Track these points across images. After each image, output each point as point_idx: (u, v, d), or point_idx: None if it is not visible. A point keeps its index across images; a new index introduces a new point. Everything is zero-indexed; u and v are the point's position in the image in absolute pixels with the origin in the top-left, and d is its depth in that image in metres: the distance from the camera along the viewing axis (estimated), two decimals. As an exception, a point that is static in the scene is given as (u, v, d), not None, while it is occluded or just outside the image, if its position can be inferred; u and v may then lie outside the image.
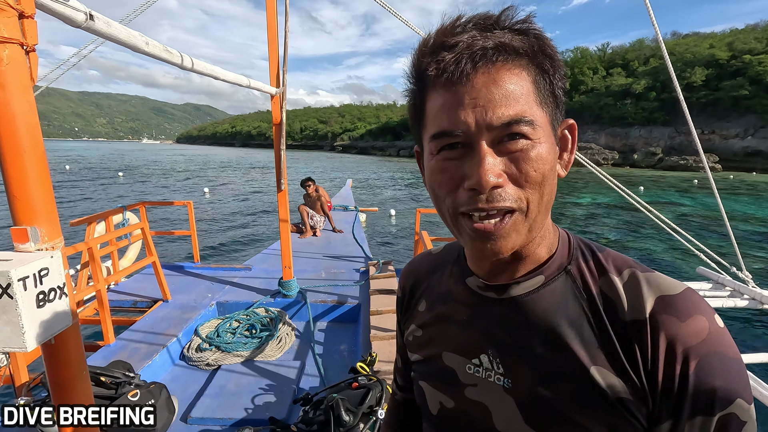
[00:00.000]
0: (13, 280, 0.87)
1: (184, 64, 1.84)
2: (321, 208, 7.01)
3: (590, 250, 0.52)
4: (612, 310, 0.47)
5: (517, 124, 0.42)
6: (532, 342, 0.50)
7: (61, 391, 1.10)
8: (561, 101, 0.48)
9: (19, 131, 0.92)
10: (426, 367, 0.61)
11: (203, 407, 2.53)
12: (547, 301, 0.50)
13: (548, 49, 0.45)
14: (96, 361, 2.89)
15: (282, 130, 3.51)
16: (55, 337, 1.02)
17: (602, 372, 0.45)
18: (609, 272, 0.49)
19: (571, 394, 0.46)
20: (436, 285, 0.64)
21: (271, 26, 3.37)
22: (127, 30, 1.36)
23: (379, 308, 3.51)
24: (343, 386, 2.20)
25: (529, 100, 0.43)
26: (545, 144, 0.44)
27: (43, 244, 0.99)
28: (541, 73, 0.45)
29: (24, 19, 0.93)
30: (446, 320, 0.60)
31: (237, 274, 4.72)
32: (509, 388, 0.51)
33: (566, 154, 0.51)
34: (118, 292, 4.17)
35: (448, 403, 0.58)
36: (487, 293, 0.55)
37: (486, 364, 0.53)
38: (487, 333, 0.54)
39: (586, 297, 0.49)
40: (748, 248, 10.24)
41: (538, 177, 0.44)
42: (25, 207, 0.96)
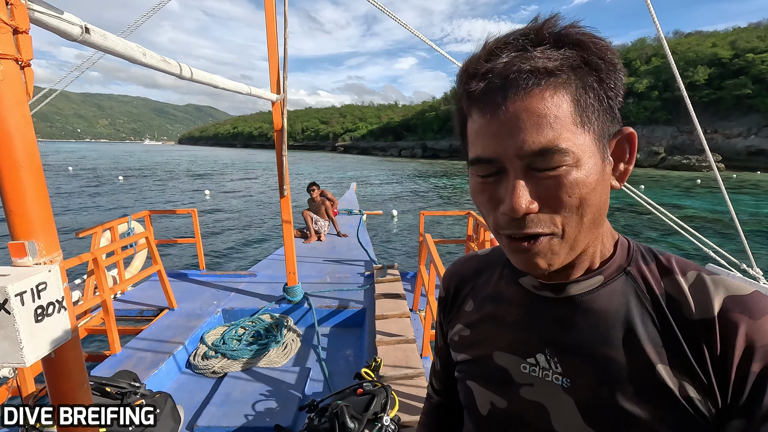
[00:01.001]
0: (10, 296, 0.86)
1: (183, 74, 1.85)
2: (325, 213, 7.02)
3: (652, 254, 0.52)
4: (677, 310, 0.46)
5: (549, 152, 0.42)
6: (591, 341, 0.49)
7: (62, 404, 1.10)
8: (615, 111, 0.46)
9: (15, 146, 0.92)
10: (475, 367, 0.61)
11: (209, 415, 2.53)
12: (607, 301, 0.50)
13: (594, 56, 0.43)
14: (102, 370, 2.90)
15: (283, 136, 3.52)
16: (55, 351, 1.02)
17: (668, 370, 0.44)
18: (674, 273, 0.49)
19: (634, 392, 0.46)
20: (483, 286, 0.65)
21: (270, 32, 3.39)
22: (123, 42, 1.37)
23: (385, 313, 3.49)
24: (347, 392, 2.19)
25: (566, 123, 0.42)
26: (585, 166, 0.43)
27: (41, 258, 0.99)
28: (583, 87, 0.43)
29: (18, 35, 0.93)
30: (497, 320, 0.60)
31: (242, 280, 4.73)
32: (568, 388, 0.50)
33: (622, 164, 0.49)
34: (124, 301, 4.19)
35: (500, 403, 0.57)
36: (543, 292, 0.55)
37: (543, 363, 0.53)
38: (543, 332, 0.54)
39: (649, 297, 0.48)
40: (755, 246, 10.11)
41: (573, 202, 0.43)
42: (23, 222, 0.96)
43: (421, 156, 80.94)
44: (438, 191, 23.41)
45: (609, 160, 0.47)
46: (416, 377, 2.63)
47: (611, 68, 0.44)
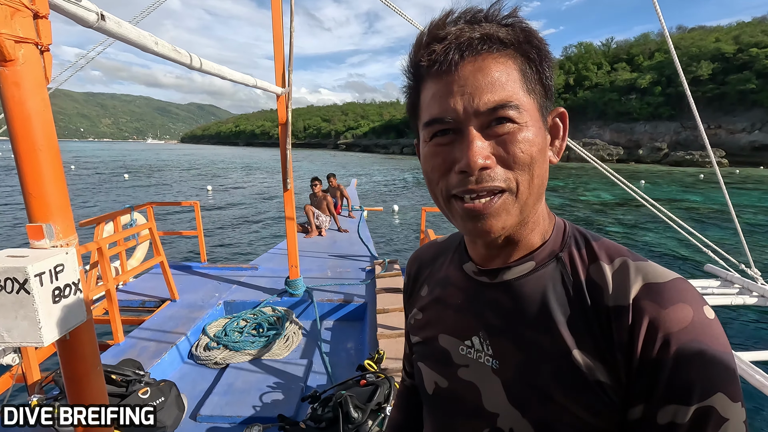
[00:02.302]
0: (29, 276, 0.88)
1: (193, 64, 1.86)
2: (327, 208, 7.03)
3: (584, 239, 0.54)
4: (597, 296, 0.47)
5: (503, 108, 0.45)
6: (519, 325, 0.51)
7: (76, 386, 1.12)
8: (550, 90, 0.50)
9: (34, 129, 0.94)
10: (424, 349, 0.64)
11: (212, 405, 2.55)
12: (535, 286, 0.52)
13: (534, 39, 0.47)
14: (106, 359, 2.91)
15: (288, 129, 3.53)
16: (69, 333, 1.03)
17: (582, 355, 0.46)
18: (600, 259, 0.50)
19: (553, 375, 0.47)
20: (437, 271, 0.68)
21: (276, 27, 3.39)
22: (137, 30, 1.38)
23: (386, 307, 3.52)
24: (351, 383, 2.21)
25: (515, 87, 0.46)
26: (533, 128, 0.46)
27: (58, 241, 1.00)
28: (527, 62, 0.47)
29: (38, 19, 0.94)
30: (443, 303, 0.63)
31: (244, 273, 4.74)
32: (497, 369, 0.53)
33: (558, 141, 0.53)
34: (127, 291, 4.20)
35: (442, 383, 0.60)
36: (480, 278, 0.57)
37: (477, 345, 0.56)
38: (478, 316, 0.56)
39: (573, 282, 0.50)
40: (756, 244, 10.14)
41: (526, 158, 0.46)
42: (41, 204, 0.98)
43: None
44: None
45: (547, 133, 0.51)
46: (418, 370, 2.65)
47: (547, 53, 0.49)
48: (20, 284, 0.88)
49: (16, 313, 0.90)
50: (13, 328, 0.91)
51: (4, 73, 0.90)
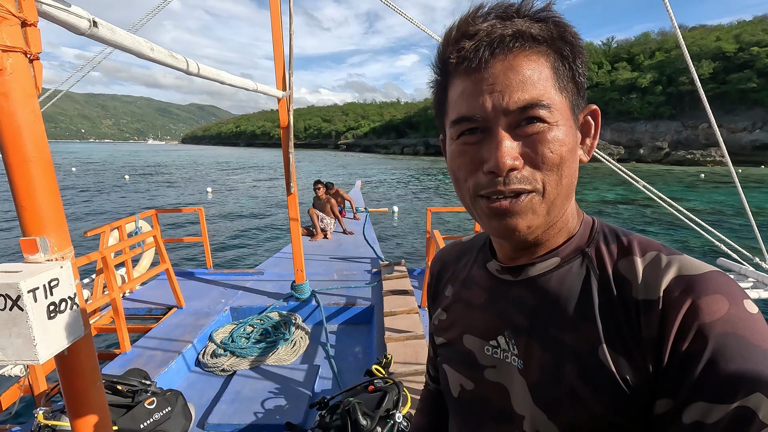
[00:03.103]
0: (22, 292, 0.85)
1: (190, 70, 1.83)
2: (331, 211, 7.01)
3: (614, 234, 0.51)
4: (625, 290, 0.45)
5: (533, 108, 0.44)
6: (544, 322, 0.50)
7: (75, 402, 1.09)
8: (582, 87, 0.48)
9: (24, 141, 0.91)
10: (448, 351, 0.63)
11: (219, 413, 2.53)
12: (560, 282, 0.50)
13: (568, 35, 0.46)
14: (113, 369, 2.90)
15: (290, 133, 3.50)
16: (68, 348, 1.01)
17: (609, 351, 0.44)
18: (631, 254, 0.48)
19: (579, 373, 0.45)
20: (461, 271, 0.66)
21: (275, 31, 3.37)
22: (131, 36, 1.35)
23: (393, 309, 3.48)
24: (359, 389, 2.17)
25: (547, 86, 0.44)
26: (563, 127, 0.45)
27: (53, 255, 0.98)
28: (560, 59, 0.46)
29: (27, 27, 0.91)
30: (467, 304, 0.61)
31: (249, 278, 4.73)
32: (522, 369, 0.51)
33: (589, 139, 0.52)
34: (133, 300, 4.20)
35: (468, 385, 0.58)
36: (503, 276, 0.56)
37: (503, 345, 0.54)
38: (503, 314, 0.55)
39: (599, 277, 0.48)
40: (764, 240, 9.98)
41: (555, 158, 0.44)
42: (34, 217, 0.95)
43: (423, 153, 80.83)
44: (441, 188, 23.35)
45: (578, 131, 0.49)
46: (427, 374, 2.61)
47: (580, 49, 0.47)
48: (13, 301, 0.86)
49: (9, 330, 0.87)
50: (8, 346, 0.88)
51: (-7, 84, 0.87)
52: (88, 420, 1.11)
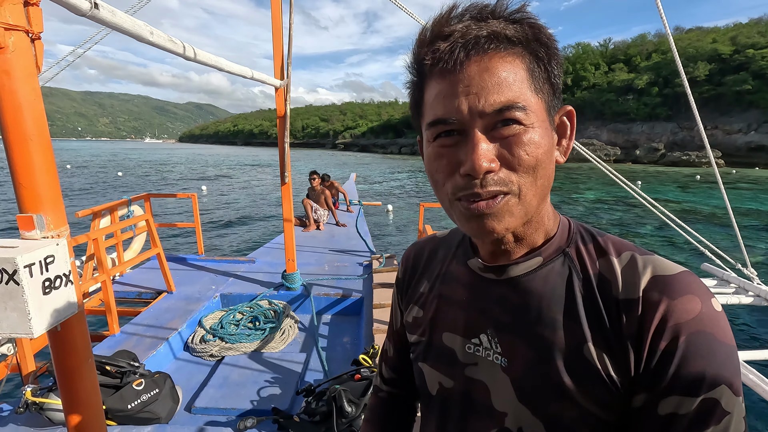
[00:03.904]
0: (19, 267, 0.87)
1: (187, 54, 1.84)
2: (325, 202, 7.02)
3: (590, 235, 0.53)
4: (607, 290, 0.47)
5: (509, 110, 0.44)
6: (528, 321, 0.51)
7: (67, 378, 1.11)
8: (558, 89, 0.49)
9: (24, 118, 0.92)
10: (425, 348, 0.62)
11: (207, 397, 2.56)
12: (543, 282, 0.51)
13: (543, 37, 0.46)
14: (101, 350, 2.91)
15: (286, 122, 3.51)
16: (61, 324, 1.03)
17: (593, 349, 0.46)
18: (608, 254, 0.50)
19: (565, 370, 0.47)
20: (438, 265, 0.66)
21: (275, 19, 3.36)
22: (131, 19, 1.36)
23: (382, 301, 3.52)
24: (345, 378, 2.22)
25: (523, 87, 0.45)
26: (539, 129, 0.45)
27: (49, 232, 0.99)
28: (536, 60, 0.46)
29: (29, 7, 0.93)
30: (446, 300, 0.61)
31: (241, 266, 4.74)
32: (506, 367, 0.52)
33: (565, 140, 0.52)
34: (123, 283, 4.20)
35: (447, 383, 0.59)
36: (486, 274, 0.56)
37: (485, 343, 0.55)
38: (486, 313, 0.55)
39: (582, 277, 0.50)
40: (752, 244, 10.19)
41: (531, 161, 0.45)
42: (31, 195, 0.96)
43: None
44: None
45: (554, 133, 0.50)
46: (413, 365, 2.66)
47: (555, 51, 0.47)
48: (9, 275, 0.88)
49: (5, 304, 0.89)
50: (3, 319, 0.90)
51: (-6, 61, 0.89)
52: (79, 396, 1.13)
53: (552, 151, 0.48)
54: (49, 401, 1.99)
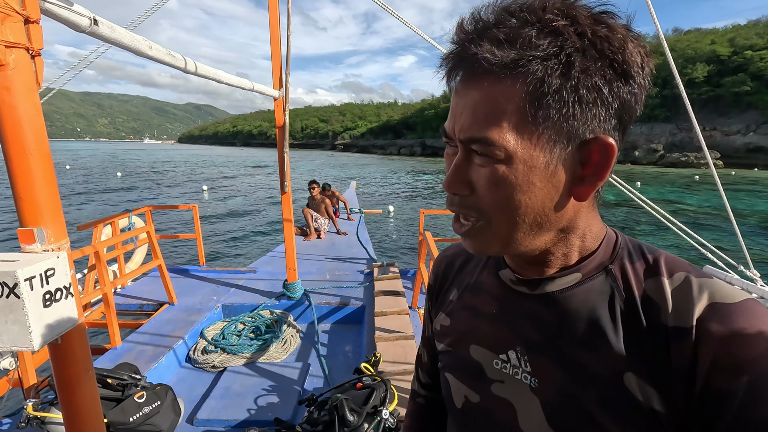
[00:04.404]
0: (19, 280, 0.88)
1: (188, 68, 1.86)
2: (325, 211, 7.04)
3: (640, 251, 0.48)
4: (654, 314, 0.43)
5: (475, 142, 0.42)
6: (562, 341, 0.47)
7: (67, 391, 1.12)
8: (599, 114, 0.40)
9: (25, 133, 0.94)
10: (452, 359, 0.61)
11: (209, 409, 2.55)
12: (581, 300, 0.47)
13: (591, 51, 0.38)
14: (103, 363, 2.91)
15: (285, 132, 3.53)
16: (61, 337, 1.03)
17: (635, 379, 0.42)
18: (659, 274, 0.45)
19: (601, 399, 0.44)
20: (469, 274, 0.63)
21: (273, 29, 3.40)
22: (130, 34, 1.38)
23: (384, 309, 3.51)
24: (347, 387, 2.21)
25: (508, 116, 0.40)
26: (517, 166, 0.41)
27: (50, 245, 1.00)
28: (555, 83, 0.39)
29: (29, 24, 0.94)
30: (475, 311, 0.59)
31: (242, 276, 4.74)
32: (535, 388, 0.49)
33: (590, 177, 0.43)
34: (125, 295, 4.20)
35: (473, 397, 0.57)
36: (518, 287, 0.53)
37: (514, 360, 0.52)
38: (516, 328, 0.52)
39: (626, 297, 0.45)
40: (754, 246, 10.15)
41: (497, 199, 0.43)
42: (31, 208, 0.98)
43: (420, 154, 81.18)
44: (438, 189, 23.43)
45: (568, 166, 0.42)
46: (415, 373, 2.65)
47: (614, 68, 0.39)
48: (10, 288, 0.88)
49: (5, 317, 0.90)
50: (3, 332, 0.91)
51: (-5, 78, 0.90)
52: (79, 409, 1.14)
53: (544, 187, 0.43)
54: (50, 415, 1.99)
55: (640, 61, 0.40)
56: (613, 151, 0.41)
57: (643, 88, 0.41)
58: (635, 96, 0.41)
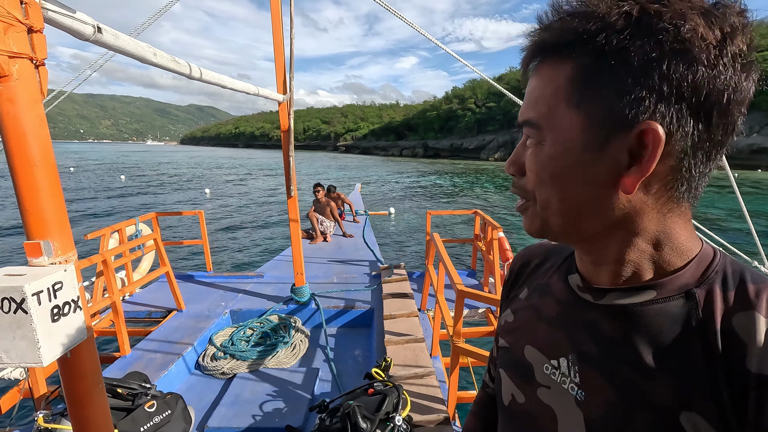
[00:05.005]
0: (27, 295, 0.86)
1: (192, 74, 1.85)
2: (331, 214, 7.02)
3: (739, 278, 0.41)
4: (735, 353, 0.38)
5: (524, 125, 0.46)
6: (619, 359, 0.44)
7: (77, 405, 1.10)
8: (620, 94, 0.38)
9: (29, 145, 0.92)
10: (508, 356, 0.61)
11: (219, 416, 2.53)
12: (650, 320, 0.43)
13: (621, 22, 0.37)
14: (112, 372, 2.90)
15: (290, 136, 3.52)
16: (70, 351, 1.01)
17: (695, 420, 0.38)
18: (754, 308, 0.38)
19: (650, 427, 0.41)
20: (542, 275, 0.62)
21: (276, 33, 3.39)
22: (135, 42, 1.36)
23: (393, 312, 3.48)
24: (359, 393, 2.18)
25: (552, 98, 0.42)
26: (556, 147, 0.43)
27: (57, 258, 0.99)
28: (602, 64, 0.38)
29: (33, 34, 0.93)
30: (538, 312, 0.57)
31: (249, 281, 4.73)
32: (581, 401, 0.47)
33: (635, 167, 0.39)
34: (133, 303, 4.20)
35: (519, 397, 0.57)
36: (584, 294, 0.51)
37: (563, 368, 0.50)
38: (572, 336, 0.50)
39: (703, 328, 0.40)
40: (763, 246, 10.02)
41: (541, 176, 0.45)
42: (38, 221, 0.96)
43: (422, 155, 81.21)
44: (440, 190, 23.39)
45: (611, 152, 0.40)
46: (426, 376, 2.62)
47: (660, 46, 0.36)
48: (18, 304, 0.86)
49: (13, 333, 0.88)
50: (11, 348, 0.89)
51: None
52: (89, 423, 1.12)
53: (582, 172, 0.42)
54: (61, 427, 1.97)
55: (709, 37, 0.35)
56: (656, 139, 0.37)
57: (718, 68, 0.36)
58: (706, 77, 0.35)
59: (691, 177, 0.40)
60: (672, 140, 0.38)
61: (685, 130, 0.38)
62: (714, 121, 0.37)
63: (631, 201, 0.41)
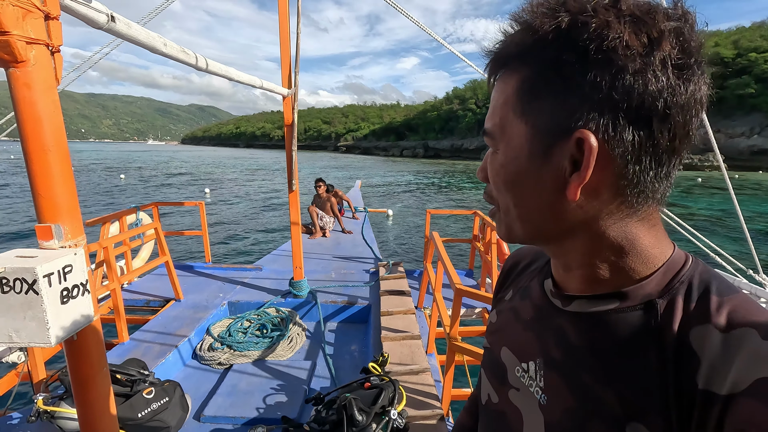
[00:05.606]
0: (38, 277, 0.88)
1: (199, 65, 1.86)
2: (330, 209, 7.04)
3: (704, 289, 0.40)
4: (687, 368, 0.37)
5: (484, 134, 0.48)
6: (580, 366, 0.45)
7: (82, 387, 1.12)
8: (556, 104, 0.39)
9: (44, 130, 0.94)
10: (488, 356, 0.62)
11: (216, 406, 2.55)
12: (611, 330, 0.43)
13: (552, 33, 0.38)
14: (111, 358, 2.92)
15: (294, 131, 3.53)
16: (77, 334, 1.03)
17: (641, 430, 0.38)
18: (712, 322, 0.37)
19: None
20: (526, 278, 0.63)
21: (283, 28, 3.40)
22: (146, 31, 1.38)
23: (390, 309, 3.51)
24: (355, 386, 2.20)
25: (503, 108, 0.44)
26: (505, 154, 0.45)
27: (67, 242, 1.00)
28: (545, 74, 0.39)
29: (50, 21, 0.94)
30: (515, 315, 0.59)
31: (248, 274, 4.75)
32: (543, 405, 0.48)
33: (574, 174, 0.40)
34: (132, 291, 4.22)
35: (494, 397, 0.59)
36: (554, 300, 0.51)
37: (531, 372, 0.51)
38: (542, 340, 0.51)
39: (659, 341, 0.39)
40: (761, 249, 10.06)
41: (497, 183, 0.47)
42: (50, 205, 0.98)
43: (422, 156, 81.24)
44: (440, 191, 23.40)
45: (554, 160, 0.41)
46: (422, 373, 2.64)
47: (586, 55, 0.36)
48: (29, 285, 0.88)
49: (24, 313, 0.90)
50: (22, 328, 0.91)
51: (16, 74, 0.90)
52: (93, 405, 1.14)
53: (534, 179, 0.43)
54: (60, 410, 2.00)
55: (635, 44, 0.35)
56: (590, 147, 0.37)
57: (647, 75, 0.35)
58: (635, 84, 0.35)
59: (641, 182, 0.39)
60: (610, 147, 0.38)
61: (623, 137, 0.37)
62: (655, 127, 0.37)
63: (582, 207, 0.41)
